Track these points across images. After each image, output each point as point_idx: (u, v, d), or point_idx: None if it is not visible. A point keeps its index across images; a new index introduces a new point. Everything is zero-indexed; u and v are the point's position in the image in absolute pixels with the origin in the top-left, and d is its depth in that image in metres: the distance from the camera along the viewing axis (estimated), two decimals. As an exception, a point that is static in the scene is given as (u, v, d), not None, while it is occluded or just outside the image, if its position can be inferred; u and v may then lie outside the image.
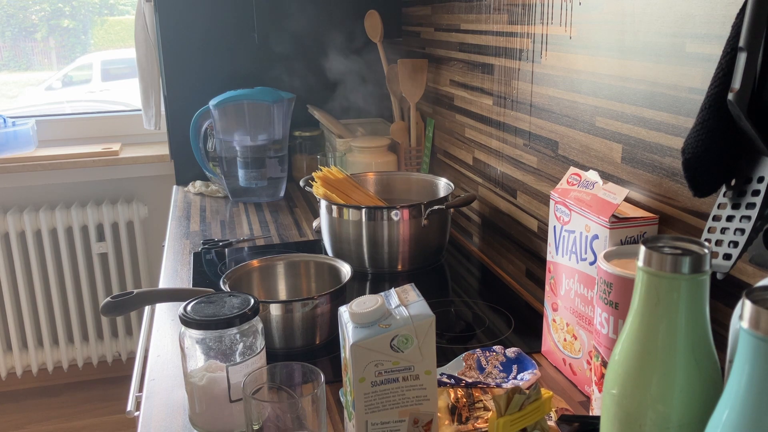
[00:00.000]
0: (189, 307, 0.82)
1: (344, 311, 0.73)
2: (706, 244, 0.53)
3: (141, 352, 1.40)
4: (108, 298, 0.96)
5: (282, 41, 2.04)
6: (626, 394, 0.54)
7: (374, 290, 1.22)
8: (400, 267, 1.33)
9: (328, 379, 0.92)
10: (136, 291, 0.98)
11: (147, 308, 1.50)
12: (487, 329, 1.08)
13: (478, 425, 0.78)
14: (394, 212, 1.28)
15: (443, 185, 1.43)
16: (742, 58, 0.59)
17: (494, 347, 0.95)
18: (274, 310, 0.99)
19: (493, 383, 0.87)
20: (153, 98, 2.26)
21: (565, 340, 0.92)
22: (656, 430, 0.52)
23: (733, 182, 0.65)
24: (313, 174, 1.42)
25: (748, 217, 0.62)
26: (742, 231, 0.63)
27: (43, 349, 2.51)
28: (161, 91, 2.09)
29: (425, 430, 0.72)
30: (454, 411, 0.80)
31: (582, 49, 1.00)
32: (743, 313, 0.42)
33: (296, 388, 0.76)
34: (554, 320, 0.94)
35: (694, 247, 0.53)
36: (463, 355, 0.94)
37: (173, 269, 1.40)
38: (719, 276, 0.65)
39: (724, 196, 0.66)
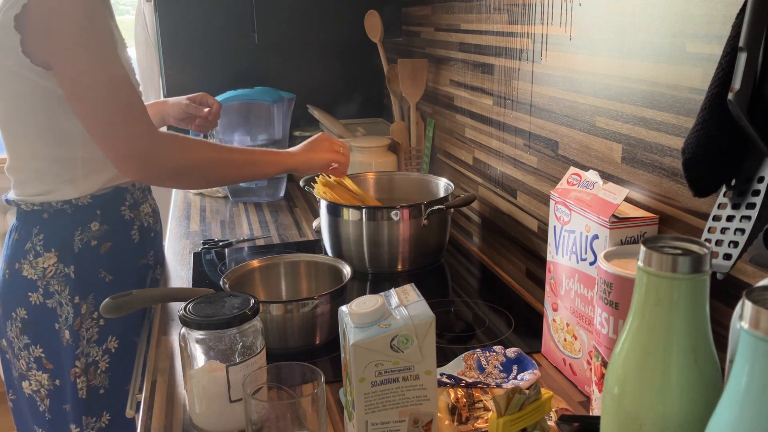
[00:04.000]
0: (189, 307, 0.82)
1: (344, 311, 0.73)
2: (706, 244, 0.53)
3: (141, 353, 1.40)
4: (108, 298, 0.96)
5: (282, 41, 2.04)
6: (626, 394, 0.54)
7: (374, 290, 1.22)
8: (400, 267, 1.33)
9: (328, 379, 0.92)
10: (136, 291, 0.98)
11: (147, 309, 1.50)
12: (487, 329, 1.08)
13: (478, 425, 0.78)
14: (394, 212, 1.28)
15: (443, 185, 1.43)
16: (742, 58, 0.59)
17: (494, 347, 0.95)
18: (274, 310, 0.99)
19: (493, 383, 0.87)
20: (153, 98, 2.26)
21: (565, 340, 0.92)
22: (656, 430, 0.52)
23: (733, 182, 0.65)
24: (324, 179, 1.41)
25: (748, 217, 0.62)
26: (742, 231, 0.63)
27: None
28: (161, 91, 2.09)
29: (425, 430, 0.72)
30: (454, 411, 0.80)
31: (582, 49, 1.00)
32: (743, 313, 0.42)
33: (296, 388, 0.76)
34: (554, 320, 0.94)
35: (694, 247, 0.53)
36: (463, 355, 0.94)
37: (173, 269, 1.40)
38: (719, 276, 0.65)
39: (724, 196, 0.66)
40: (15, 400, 1.27)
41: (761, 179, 0.62)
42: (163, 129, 1.68)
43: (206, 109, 1.51)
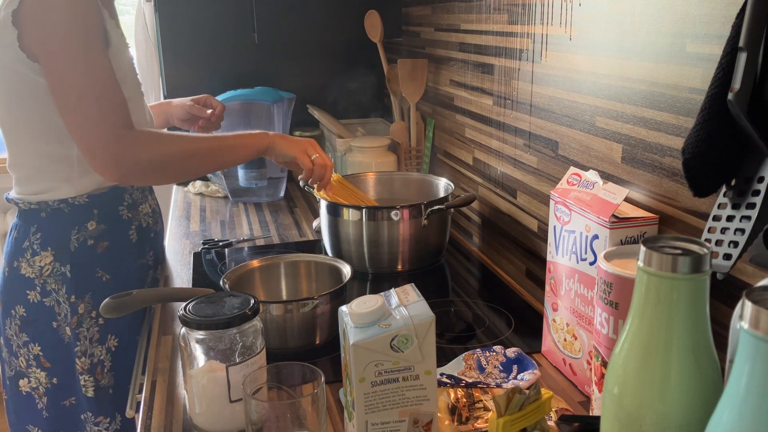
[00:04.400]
0: (189, 307, 0.82)
1: (344, 311, 0.73)
2: (706, 244, 0.53)
3: (141, 353, 1.40)
4: (108, 299, 0.96)
5: (282, 41, 2.04)
6: (626, 394, 0.54)
7: (374, 290, 1.22)
8: (400, 267, 1.33)
9: (328, 379, 0.92)
10: (135, 291, 0.98)
11: (147, 308, 1.50)
12: (487, 329, 1.08)
13: (478, 425, 0.78)
14: (394, 212, 1.28)
15: (443, 185, 1.43)
16: (742, 58, 0.59)
17: (494, 347, 0.95)
18: (274, 310, 0.99)
19: (493, 383, 0.87)
20: (153, 98, 2.26)
21: (565, 340, 0.92)
22: (656, 430, 0.52)
23: (733, 182, 0.65)
24: None
25: (748, 217, 0.62)
26: (742, 231, 0.63)
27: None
28: (161, 91, 2.09)
29: (425, 430, 0.72)
30: (454, 411, 0.80)
31: (582, 49, 1.00)
32: (743, 313, 0.42)
33: (296, 388, 0.76)
34: (554, 320, 0.94)
35: (694, 247, 0.53)
36: (463, 355, 0.94)
37: (173, 269, 1.40)
38: (719, 276, 0.65)
39: (724, 196, 0.66)
40: (10, 399, 1.27)
41: (761, 179, 0.62)
42: (164, 129, 1.68)
43: (209, 111, 1.52)
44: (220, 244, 1.51)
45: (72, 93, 1.06)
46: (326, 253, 1.38)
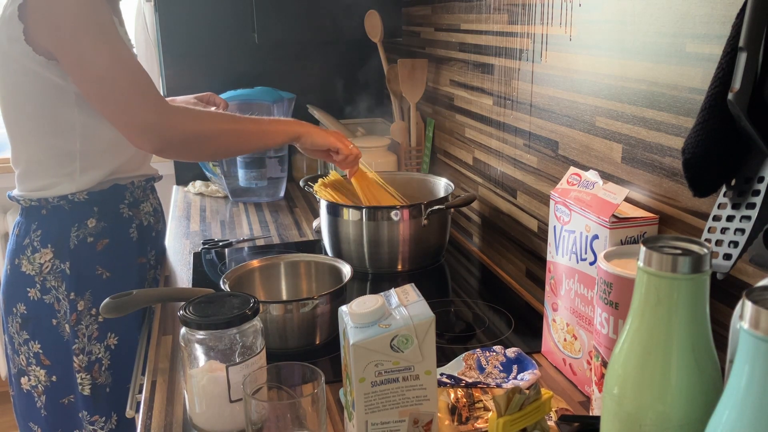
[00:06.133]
0: (189, 307, 0.82)
1: (344, 311, 0.73)
2: (706, 244, 0.53)
3: (141, 353, 1.40)
4: (108, 298, 0.96)
5: (282, 41, 2.04)
6: (626, 394, 0.54)
7: (374, 290, 1.22)
8: (400, 267, 1.33)
9: (328, 379, 0.92)
10: (136, 291, 0.98)
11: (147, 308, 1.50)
12: (487, 329, 1.08)
13: (478, 425, 0.78)
14: (394, 212, 1.28)
15: (443, 185, 1.43)
16: (742, 58, 0.59)
17: (494, 347, 0.95)
18: (274, 310, 0.99)
19: (493, 383, 0.87)
20: (153, 98, 2.26)
21: (565, 340, 0.92)
22: (656, 430, 0.52)
23: (733, 182, 0.65)
24: (325, 179, 1.41)
25: (748, 217, 0.62)
26: (742, 231, 0.63)
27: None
28: (161, 91, 2.09)
29: (425, 430, 0.72)
30: (454, 411, 0.80)
31: (582, 49, 1.00)
32: (743, 313, 0.42)
33: (296, 388, 0.76)
34: (554, 320, 0.94)
35: (694, 247, 0.53)
36: (463, 355, 0.94)
37: (173, 269, 1.40)
38: (719, 276, 0.65)
39: (724, 196, 0.66)
40: (15, 396, 1.28)
41: (761, 179, 0.62)
42: None
43: (213, 108, 1.52)
44: (220, 244, 1.51)
45: (100, 73, 1.07)
46: (326, 253, 1.38)
